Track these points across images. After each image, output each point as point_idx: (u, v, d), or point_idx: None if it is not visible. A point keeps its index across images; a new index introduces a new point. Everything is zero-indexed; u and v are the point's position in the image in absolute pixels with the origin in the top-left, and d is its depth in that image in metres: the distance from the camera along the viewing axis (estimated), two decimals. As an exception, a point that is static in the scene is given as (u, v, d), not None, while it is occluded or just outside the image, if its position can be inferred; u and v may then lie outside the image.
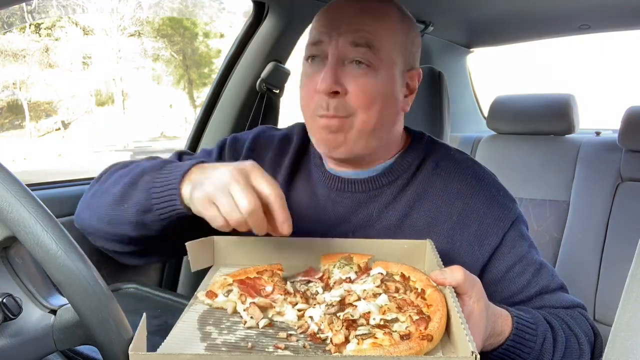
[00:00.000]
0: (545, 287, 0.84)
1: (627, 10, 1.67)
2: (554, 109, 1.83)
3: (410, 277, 0.66)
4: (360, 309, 0.60)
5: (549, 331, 0.76)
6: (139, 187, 0.78)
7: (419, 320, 0.56)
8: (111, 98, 14.05)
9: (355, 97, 0.79)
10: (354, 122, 0.81)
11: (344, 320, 0.58)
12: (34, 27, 13.50)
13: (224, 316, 0.63)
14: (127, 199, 0.78)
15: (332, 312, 0.60)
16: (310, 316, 0.61)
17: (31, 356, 0.56)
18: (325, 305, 0.62)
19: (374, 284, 0.64)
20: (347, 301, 0.62)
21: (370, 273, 0.68)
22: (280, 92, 1.60)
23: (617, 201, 1.62)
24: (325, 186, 0.90)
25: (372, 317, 0.58)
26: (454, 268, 0.63)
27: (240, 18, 7.21)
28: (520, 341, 0.71)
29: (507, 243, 0.84)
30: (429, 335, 0.54)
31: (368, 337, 0.55)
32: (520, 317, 0.72)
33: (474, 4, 1.67)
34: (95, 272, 0.53)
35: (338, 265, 0.71)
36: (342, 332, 0.56)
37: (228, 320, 0.62)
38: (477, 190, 0.86)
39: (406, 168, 0.89)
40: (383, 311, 0.59)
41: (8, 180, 0.52)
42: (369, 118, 0.81)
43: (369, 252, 0.74)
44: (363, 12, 0.80)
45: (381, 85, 0.81)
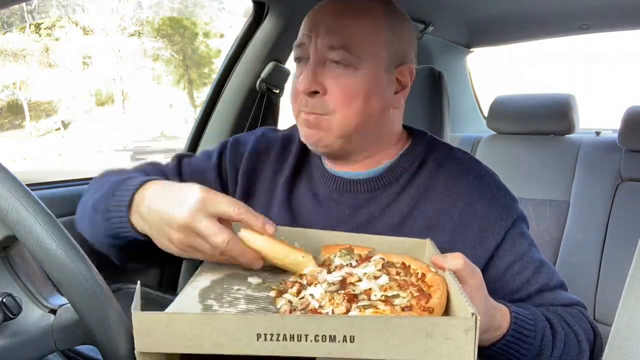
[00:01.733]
0: (545, 285, 0.84)
1: (627, 10, 1.67)
2: (554, 109, 1.83)
3: (411, 265, 0.66)
4: (362, 287, 0.60)
5: (547, 328, 0.76)
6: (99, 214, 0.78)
7: (420, 295, 0.56)
8: (111, 98, 14.04)
9: (334, 97, 0.81)
10: (332, 121, 0.82)
11: (346, 294, 0.58)
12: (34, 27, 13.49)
13: (225, 292, 0.63)
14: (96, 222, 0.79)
15: (333, 290, 0.60)
16: (310, 294, 0.61)
17: (31, 356, 0.56)
18: (327, 284, 0.62)
19: (375, 268, 0.64)
20: (348, 281, 0.62)
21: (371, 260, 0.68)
22: (280, 92, 1.60)
23: (617, 201, 1.62)
24: (327, 187, 0.90)
25: (373, 293, 0.59)
26: (455, 255, 0.63)
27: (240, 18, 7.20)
28: (519, 337, 0.71)
29: (508, 241, 0.84)
30: (430, 307, 0.54)
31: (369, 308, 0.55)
32: (519, 313, 0.72)
33: (474, 4, 1.67)
34: (95, 272, 0.53)
35: (339, 254, 0.71)
36: (343, 304, 0.56)
37: (229, 295, 0.62)
38: (479, 190, 0.86)
39: (407, 167, 0.89)
40: (384, 289, 0.59)
41: (8, 180, 0.52)
42: (349, 116, 0.81)
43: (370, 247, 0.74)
44: (342, 13, 0.82)
45: (361, 83, 0.81)
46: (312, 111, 0.82)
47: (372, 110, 0.83)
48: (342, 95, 0.80)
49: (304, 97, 0.82)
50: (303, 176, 0.94)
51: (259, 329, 0.47)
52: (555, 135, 1.86)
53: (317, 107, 0.81)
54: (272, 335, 0.47)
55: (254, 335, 0.47)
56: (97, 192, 0.82)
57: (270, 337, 0.47)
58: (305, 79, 0.80)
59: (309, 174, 0.94)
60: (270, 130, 1.02)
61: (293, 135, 0.97)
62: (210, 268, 0.70)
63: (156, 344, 0.47)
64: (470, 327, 0.47)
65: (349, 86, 0.80)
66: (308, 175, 0.93)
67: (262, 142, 0.98)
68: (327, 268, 0.69)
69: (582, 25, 1.85)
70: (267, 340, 0.47)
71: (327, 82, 0.81)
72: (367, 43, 0.81)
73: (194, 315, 0.49)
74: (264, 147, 0.97)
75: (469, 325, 0.47)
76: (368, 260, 0.68)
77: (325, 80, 0.81)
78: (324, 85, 0.81)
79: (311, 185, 0.92)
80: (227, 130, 1.55)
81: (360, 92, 0.81)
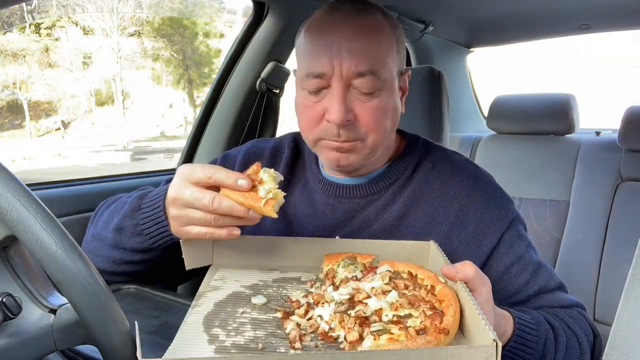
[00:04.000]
0: (544, 287, 0.84)
1: (627, 10, 1.67)
2: (554, 108, 1.83)
3: (418, 274, 0.65)
4: (372, 306, 0.58)
5: (550, 331, 0.75)
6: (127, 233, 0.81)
7: (433, 314, 0.55)
8: (111, 98, 14.04)
9: (366, 122, 0.80)
10: (366, 143, 0.82)
11: (356, 317, 0.57)
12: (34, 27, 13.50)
13: (229, 317, 0.62)
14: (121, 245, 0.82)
15: (342, 310, 0.59)
16: (319, 315, 0.60)
17: (31, 356, 0.56)
18: (335, 303, 0.61)
19: (383, 282, 0.63)
20: (356, 299, 0.61)
21: (377, 271, 0.67)
22: (280, 92, 1.60)
23: (617, 201, 1.62)
24: (323, 193, 0.90)
25: (384, 313, 0.57)
26: (465, 263, 0.63)
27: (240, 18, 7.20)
28: (523, 342, 0.71)
29: (504, 243, 0.84)
30: (445, 329, 0.53)
31: (383, 333, 0.54)
32: (522, 318, 0.72)
33: (474, 4, 1.67)
34: (95, 272, 0.53)
35: (342, 264, 0.70)
36: (355, 329, 0.55)
37: (234, 322, 0.61)
38: (474, 191, 0.86)
39: (402, 171, 0.89)
40: (395, 307, 0.58)
41: (8, 180, 0.52)
42: (379, 136, 0.82)
43: (372, 253, 0.73)
44: (360, 33, 0.79)
45: (386, 103, 0.81)
46: (347, 140, 0.80)
47: (394, 124, 0.85)
48: (373, 120, 0.80)
49: (334, 126, 0.79)
50: (297, 183, 0.94)
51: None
52: (555, 135, 1.86)
53: (350, 135, 0.80)
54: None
55: None
56: (112, 218, 0.84)
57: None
58: (339, 110, 0.78)
59: (304, 181, 0.94)
60: (259, 142, 1.03)
61: (282, 145, 0.98)
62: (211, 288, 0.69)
63: None
64: (491, 355, 0.46)
65: (378, 109, 0.80)
66: (303, 182, 0.94)
67: (251, 152, 0.98)
68: (332, 281, 0.68)
69: (582, 25, 1.85)
70: None
71: (356, 108, 0.79)
72: (386, 63, 0.81)
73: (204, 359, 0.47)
74: (253, 156, 0.98)
75: (490, 353, 0.46)
76: (374, 271, 0.67)
77: (355, 107, 0.79)
78: (354, 113, 0.79)
79: (306, 191, 0.92)
80: (227, 130, 1.55)
81: (387, 111, 0.82)
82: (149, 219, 0.77)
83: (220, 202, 0.66)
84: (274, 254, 0.77)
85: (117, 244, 0.82)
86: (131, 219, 0.80)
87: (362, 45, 0.78)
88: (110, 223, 0.84)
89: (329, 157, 0.84)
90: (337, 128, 0.79)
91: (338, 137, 0.80)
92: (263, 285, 0.71)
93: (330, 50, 0.78)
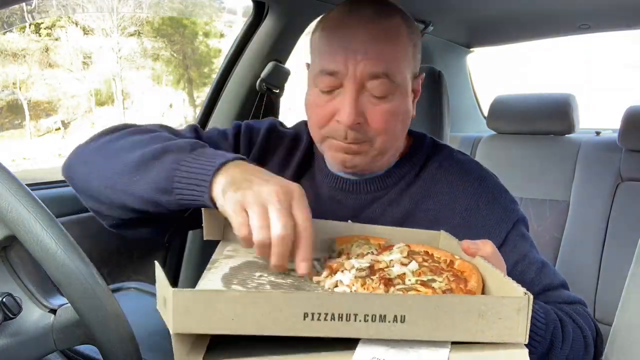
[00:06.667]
0: (549, 285, 0.84)
1: (627, 10, 1.67)
2: (554, 108, 1.83)
3: (434, 254, 0.64)
4: (395, 271, 0.57)
5: (557, 322, 0.75)
6: (159, 166, 0.69)
7: (457, 279, 0.54)
8: (111, 98, 14.04)
9: (375, 125, 0.79)
10: (374, 145, 0.81)
11: (380, 278, 0.55)
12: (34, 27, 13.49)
13: (247, 278, 0.60)
14: (143, 173, 0.70)
15: (363, 276, 0.57)
16: (339, 280, 0.58)
17: (31, 356, 0.56)
18: (355, 269, 0.58)
19: (401, 255, 0.61)
20: (376, 267, 0.59)
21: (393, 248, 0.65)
22: (280, 92, 1.60)
23: (617, 201, 1.62)
24: (330, 188, 0.90)
25: (407, 278, 0.56)
26: (484, 241, 0.63)
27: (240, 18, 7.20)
28: (532, 328, 0.70)
29: (509, 243, 0.84)
30: (471, 291, 0.53)
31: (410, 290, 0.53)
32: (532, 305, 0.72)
33: (474, 4, 1.67)
34: (95, 272, 0.53)
35: (356, 244, 0.69)
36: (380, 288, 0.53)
37: (253, 282, 0.59)
38: (479, 192, 0.87)
39: (409, 169, 0.89)
40: (418, 274, 0.57)
41: (8, 180, 0.52)
42: (388, 139, 0.82)
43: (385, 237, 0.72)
44: (378, 37, 0.78)
45: (397, 107, 0.81)
46: (355, 142, 0.80)
47: (404, 127, 0.85)
48: (383, 123, 0.79)
49: (343, 128, 0.79)
50: (306, 177, 0.93)
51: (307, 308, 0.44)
52: (555, 135, 1.86)
53: (358, 138, 0.79)
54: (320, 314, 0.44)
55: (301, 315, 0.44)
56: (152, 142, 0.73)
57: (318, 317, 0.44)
58: (350, 112, 0.77)
59: (311, 175, 0.93)
60: (278, 125, 0.99)
61: (300, 134, 0.97)
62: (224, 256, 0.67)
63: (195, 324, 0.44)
64: (523, 306, 0.46)
65: (389, 113, 0.80)
66: (310, 177, 0.93)
67: (272, 137, 0.96)
68: (347, 256, 0.66)
69: (582, 25, 1.85)
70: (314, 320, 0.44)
71: (367, 111, 0.79)
72: (402, 68, 0.80)
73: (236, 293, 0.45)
74: (275, 141, 0.95)
75: (522, 305, 0.46)
76: (389, 249, 0.66)
77: (366, 109, 0.79)
78: (365, 115, 0.79)
79: (313, 186, 0.92)
80: (227, 130, 1.55)
81: (398, 115, 0.81)
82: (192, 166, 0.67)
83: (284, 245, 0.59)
84: None
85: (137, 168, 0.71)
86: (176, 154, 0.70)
87: (378, 48, 0.78)
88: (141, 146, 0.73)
89: (334, 157, 0.84)
90: (346, 130, 0.79)
91: (345, 139, 0.80)
92: None
93: (346, 50, 0.78)
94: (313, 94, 0.83)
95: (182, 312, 0.43)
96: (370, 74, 0.77)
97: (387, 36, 0.79)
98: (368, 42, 0.78)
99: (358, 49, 0.77)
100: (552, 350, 0.74)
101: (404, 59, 0.81)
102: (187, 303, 0.43)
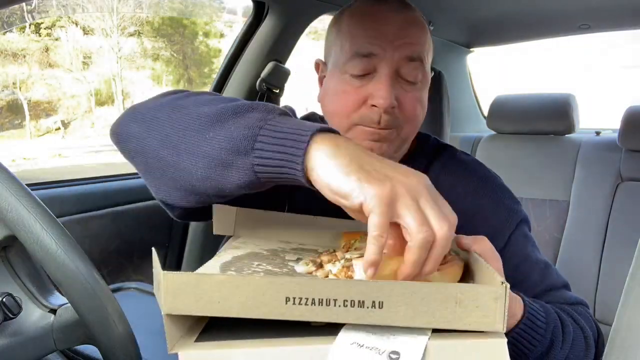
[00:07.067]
0: (551, 285, 0.84)
1: (627, 10, 1.67)
2: (554, 108, 1.83)
3: None
4: None
5: (557, 321, 0.75)
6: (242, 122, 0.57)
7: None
8: (111, 98, 14.04)
9: (406, 112, 0.79)
10: (400, 133, 0.81)
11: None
12: (34, 27, 13.50)
13: (245, 266, 0.63)
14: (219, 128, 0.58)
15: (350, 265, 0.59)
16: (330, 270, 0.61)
17: (31, 356, 0.56)
18: (344, 259, 0.61)
19: None
20: None
21: None
22: (280, 92, 1.60)
23: (617, 201, 1.62)
24: None
25: None
26: (480, 237, 0.63)
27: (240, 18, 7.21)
28: (532, 326, 0.70)
29: (512, 244, 0.84)
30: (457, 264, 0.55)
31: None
32: (531, 303, 0.72)
33: (474, 4, 1.67)
34: (95, 272, 0.53)
35: (360, 239, 0.70)
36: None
37: (249, 269, 0.61)
38: (483, 193, 0.87)
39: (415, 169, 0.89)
40: None
41: (8, 180, 0.52)
42: (413, 128, 0.82)
43: None
44: (411, 23, 0.79)
45: (423, 96, 0.82)
46: (386, 127, 0.78)
47: (422, 120, 0.84)
48: (412, 109, 0.79)
49: (377, 111, 0.77)
50: None
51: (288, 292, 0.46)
52: (555, 135, 1.86)
53: (390, 123, 0.78)
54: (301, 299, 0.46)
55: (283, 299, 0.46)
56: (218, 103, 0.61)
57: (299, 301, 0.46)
58: (388, 95, 0.75)
59: None
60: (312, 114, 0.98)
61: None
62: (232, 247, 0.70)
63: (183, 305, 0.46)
64: (500, 295, 0.47)
65: (417, 100, 0.80)
66: None
67: None
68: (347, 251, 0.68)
69: (582, 25, 1.85)
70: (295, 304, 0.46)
71: (400, 95, 0.78)
72: (428, 56, 0.82)
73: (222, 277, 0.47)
74: None
75: (499, 294, 0.47)
76: None
77: (399, 93, 0.78)
78: (398, 99, 0.78)
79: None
80: (227, 130, 1.55)
81: (423, 105, 0.82)
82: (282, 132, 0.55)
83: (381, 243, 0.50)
84: (294, 230, 0.77)
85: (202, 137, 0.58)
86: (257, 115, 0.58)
87: (412, 33, 0.79)
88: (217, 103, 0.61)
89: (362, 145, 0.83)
90: (380, 114, 0.77)
91: (378, 124, 0.78)
92: (281, 251, 0.71)
93: (381, 33, 0.77)
94: (342, 80, 0.81)
95: (172, 294, 0.45)
96: (407, 57, 0.77)
97: (417, 24, 0.80)
98: (403, 27, 0.78)
99: (395, 33, 0.77)
100: (553, 349, 0.74)
101: (429, 51, 0.82)
102: (177, 285, 0.45)
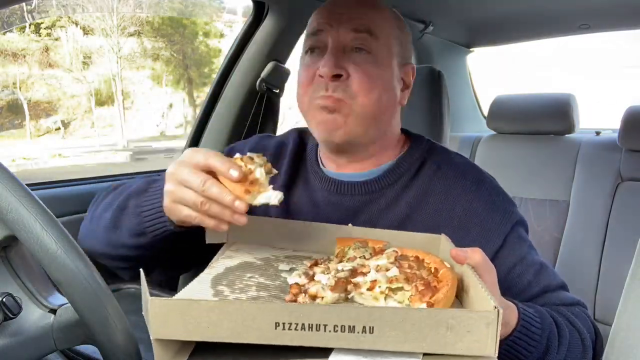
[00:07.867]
0: (547, 287, 0.84)
1: (627, 10, 1.67)
2: (554, 108, 1.83)
3: (425, 259, 0.66)
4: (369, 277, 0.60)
5: (553, 325, 0.75)
6: (128, 212, 0.81)
7: (425, 289, 0.56)
8: (111, 98, 14.03)
9: (357, 82, 0.81)
10: (354, 106, 0.81)
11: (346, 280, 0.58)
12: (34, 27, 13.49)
13: (237, 279, 0.63)
14: (119, 224, 0.82)
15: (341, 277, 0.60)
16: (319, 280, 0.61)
17: (31, 355, 0.56)
18: (335, 271, 0.62)
19: (388, 260, 0.64)
20: (359, 271, 0.62)
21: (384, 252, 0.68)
22: (280, 91, 1.60)
23: (617, 201, 1.62)
24: (325, 190, 0.90)
25: (377, 285, 0.58)
26: (474, 249, 0.63)
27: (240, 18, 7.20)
28: (527, 333, 0.71)
29: (507, 245, 0.84)
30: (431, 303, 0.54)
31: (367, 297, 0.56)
32: (526, 310, 0.72)
33: (474, 4, 1.67)
34: (95, 272, 0.53)
35: (353, 247, 0.71)
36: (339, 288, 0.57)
37: (241, 283, 0.62)
38: (477, 195, 0.86)
39: (406, 170, 0.89)
40: (390, 281, 0.59)
41: (8, 180, 0.52)
42: (369, 102, 0.82)
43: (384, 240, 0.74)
44: (358, 2, 0.84)
45: (381, 72, 0.83)
46: (334, 95, 0.81)
47: (387, 102, 0.85)
48: (365, 80, 0.81)
49: (325, 81, 0.81)
50: (299, 181, 0.93)
51: (278, 318, 0.46)
52: (555, 135, 1.86)
53: (338, 91, 0.81)
54: (291, 324, 0.46)
55: (273, 324, 0.46)
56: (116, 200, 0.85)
57: (289, 327, 0.46)
58: (329, 63, 0.80)
59: (305, 179, 0.93)
60: (264, 137, 1.02)
61: (287, 140, 0.98)
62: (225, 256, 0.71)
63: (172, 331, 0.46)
64: (492, 321, 0.47)
65: (371, 72, 0.82)
66: (304, 180, 0.93)
67: (255, 149, 0.98)
68: (340, 259, 0.68)
69: (582, 25, 1.85)
70: (285, 329, 0.46)
71: (349, 67, 0.81)
72: (385, 33, 0.84)
73: (211, 303, 0.47)
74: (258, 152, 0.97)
75: (491, 319, 0.47)
76: (382, 253, 0.68)
77: (348, 65, 0.81)
78: (347, 70, 0.81)
79: (308, 190, 0.92)
80: (227, 130, 1.55)
81: (381, 79, 0.83)
82: (150, 203, 0.78)
83: (211, 186, 0.66)
84: (288, 236, 0.78)
85: (115, 224, 0.83)
86: (135, 199, 0.81)
87: (360, 9, 0.83)
88: (113, 204, 0.85)
89: (318, 125, 0.84)
90: (326, 83, 0.81)
91: (327, 92, 0.81)
92: (274, 259, 0.72)
93: (330, 12, 0.84)
94: (302, 65, 0.87)
95: (160, 320, 0.46)
96: (353, 29, 0.81)
97: (367, 3, 0.85)
98: (350, 5, 0.84)
99: (342, 11, 0.83)
100: (549, 354, 0.74)
101: (388, 30, 0.85)
102: (164, 312, 0.46)
